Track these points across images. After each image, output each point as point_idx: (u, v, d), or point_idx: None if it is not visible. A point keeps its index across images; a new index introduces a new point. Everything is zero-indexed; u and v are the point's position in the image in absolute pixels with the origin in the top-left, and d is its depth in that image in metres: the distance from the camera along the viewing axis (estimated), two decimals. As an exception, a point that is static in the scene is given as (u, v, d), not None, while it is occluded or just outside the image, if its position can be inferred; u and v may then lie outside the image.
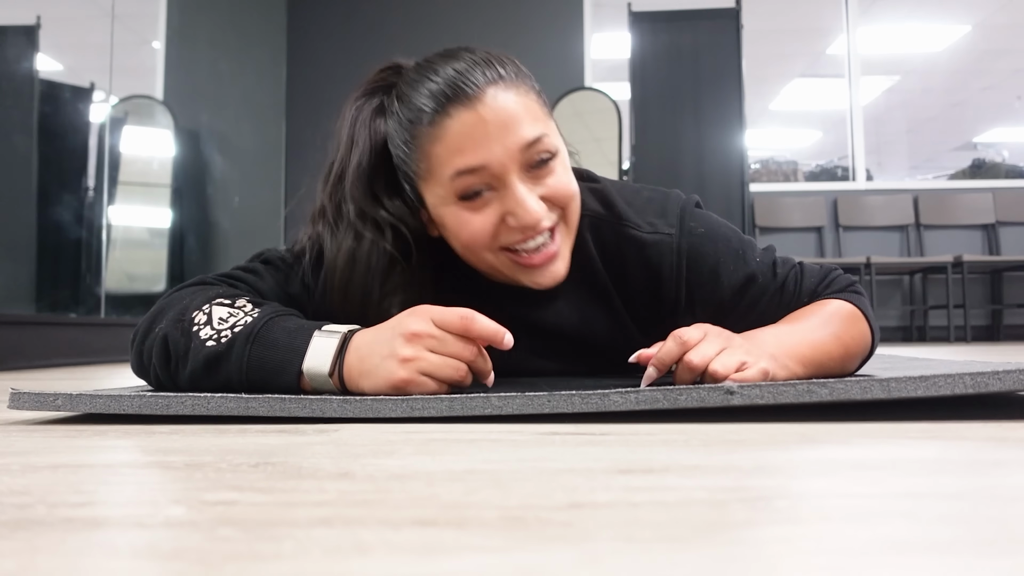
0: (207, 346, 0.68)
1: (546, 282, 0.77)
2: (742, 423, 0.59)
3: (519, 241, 0.74)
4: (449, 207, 0.75)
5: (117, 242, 3.37)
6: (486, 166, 0.71)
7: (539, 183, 0.74)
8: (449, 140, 0.72)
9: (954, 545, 0.27)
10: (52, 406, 0.65)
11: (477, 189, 0.73)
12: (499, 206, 0.73)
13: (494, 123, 0.71)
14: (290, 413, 0.63)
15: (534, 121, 0.74)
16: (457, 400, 0.61)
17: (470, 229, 0.74)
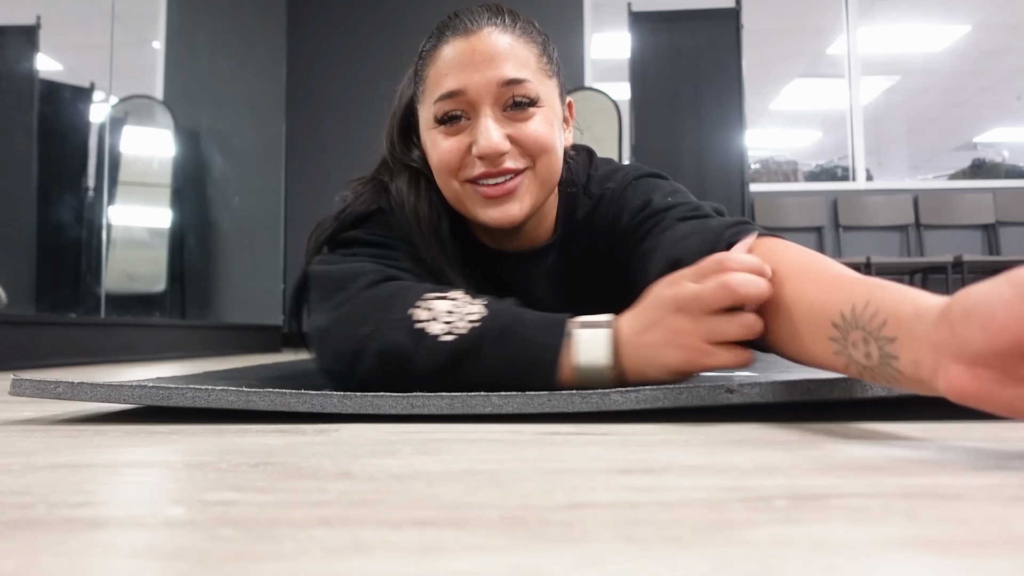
0: (443, 341, 0.65)
1: (500, 218, 0.79)
2: (742, 423, 0.59)
3: (482, 175, 0.78)
4: (430, 131, 0.80)
5: (117, 242, 3.37)
6: (464, 91, 0.77)
7: (511, 124, 0.78)
8: (440, 64, 0.78)
9: (954, 545, 0.27)
10: (53, 393, 0.65)
11: (455, 114, 0.78)
12: (469, 135, 0.78)
13: (481, 54, 0.77)
14: (290, 407, 0.62)
15: (521, 66, 0.78)
16: (458, 398, 0.61)
17: (439, 151, 0.79)
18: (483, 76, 0.76)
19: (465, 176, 0.79)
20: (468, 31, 0.78)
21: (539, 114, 0.78)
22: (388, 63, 1.05)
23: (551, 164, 0.80)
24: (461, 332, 0.65)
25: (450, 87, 0.77)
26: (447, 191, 0.82)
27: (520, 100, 0.77)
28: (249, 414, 0.66)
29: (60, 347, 2.10)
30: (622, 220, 0.83)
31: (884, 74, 6.31)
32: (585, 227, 0.88)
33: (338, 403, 0.62)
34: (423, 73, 0.81)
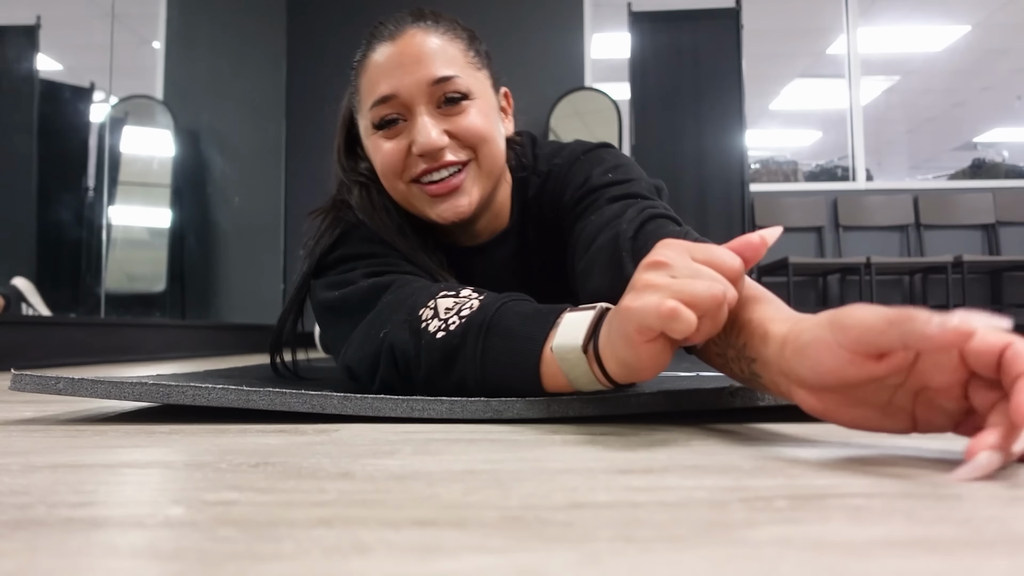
0: (438, 338, 0.64)
1: (448, 215, 0.80)
2: (742, 423, 0.59)
3: (424, 172, 0.79)
4: (370, 137, 0.82)
5: (117, 242, 3.37)
6: (397, 94, 0.78)
7: (447, 119, 0.79)
8: (371, 71, 0.80)
9: (954, 545, 0.27)
10: (53, 389, 0.65)
11: (391, 118, 0.79)
12: (407, 136, 0.79)
13: (409, 56, 0.78)
14: (289, 407, 0.62)
15: (449, 63, 0.80)
16: (457, 403, 0.61)
17: (381, 155, 0.80)
18: (413, 77, 0.78)
19: (409, 176, 0.80)
20: (394, 36, 0.80)
21: (473, 106, 0.80)
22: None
23: (493, 153, 0.82)
24: (451, 329, 0.64)
25: (383, 92, 0.79)
26: (395, 194, 0.83)
27: (452, 96, 0.79)
28: (249, 414, 0.66)
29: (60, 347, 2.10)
30: (565, 196, 0.85)
31: (884, 74, 6.31)
32: (536, 206, 0.90)
33: (338, 404, 0.62)
34: (357, 83, 0.83)
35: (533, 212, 0.90)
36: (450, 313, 0.65)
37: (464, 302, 0.66)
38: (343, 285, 0.76)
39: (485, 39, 0.91)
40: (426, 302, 0.67)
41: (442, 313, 0.65)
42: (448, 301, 0.66)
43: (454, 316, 0.64)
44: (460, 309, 0.65)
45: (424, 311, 0.67)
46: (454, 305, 0.66)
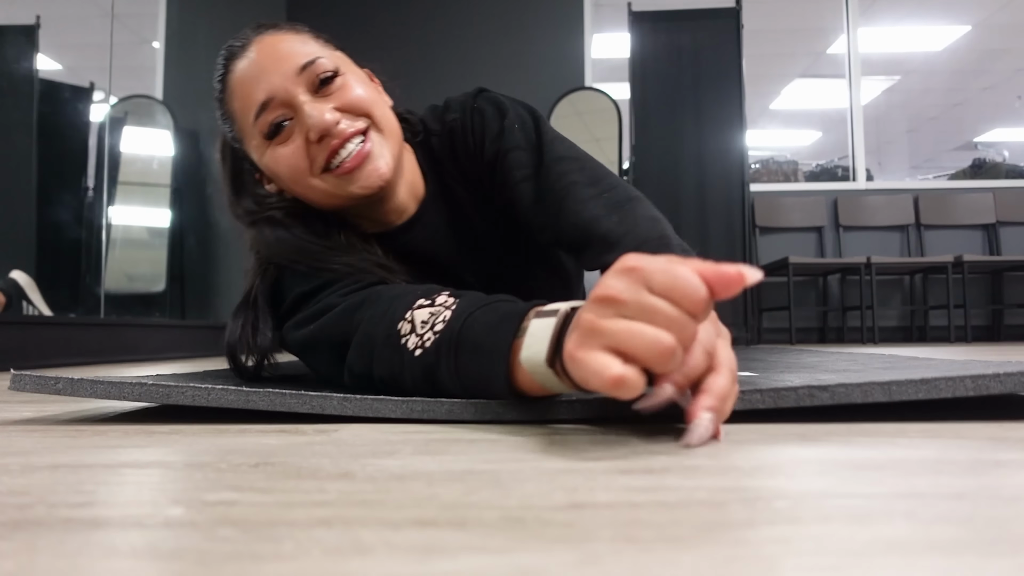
0: (416, 356, 0.62)
1: (372, 180, 0.79)
2: (742, 423, 0.59)
3: (331, 155, 0.78)
4: (266, 153, 0.80)
5: (117, 242, 3.37)
6: (273, 95, 0.78)
7: (329, 98, 0.79)
8: (239, 89, 0.79)
9: (954, 545, 0.27)
10: (53, 389, 0.65)
11: (278, 121, 0.78)
12: (300, 131, 0.78)
13: (267, 59, 0.79)
14: (289, 408, 0.62)
15: (307, 50, 0.80)
16: (458, 404, 0.61)
17: (285, 161, 0.79)
18: (280, 73, 0.78)
19: (319, 167, 0.79)
20: (247, 48, 0.80)
21: (347, 79, 0.81)
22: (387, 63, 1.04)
23: (386, 114, 0.82)
24: (426, 346, 0.61)
25: (260, 99, 0.78)
26: (313, 194, 0.80)
27: (324, 76, 0.79)
28: (249, 414, 0.66)
29: (60, 347, 2.10)
30: (486, 148, 0.86)
31: (884, 74, 6.32)
32: (451, 162, 0.90)
33: (338, 405, 0.62)
34: (229, 112, 0.82)
35: (449, 169, 0.90)
36: (426, 328, 0.63)
37: (438, 313, 0.63)
38: (313, 319, 0.74)
39: (485, 39, 0.91)
40: (403, 314, 0.65)
41: (419, 328, 0.63)
42: (424, 313, 0.64)
43: (429, 332, 0.62)
44: (434, 323, 0.62)
45: (402, 324, 0.65)
46: (429, 318, 0.63)
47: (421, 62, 4.34)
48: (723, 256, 3.83)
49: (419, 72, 4.31)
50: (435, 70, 4.31)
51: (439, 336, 0.61)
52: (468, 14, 4.43)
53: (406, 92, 0.94)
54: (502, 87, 0.94)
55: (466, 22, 4.42)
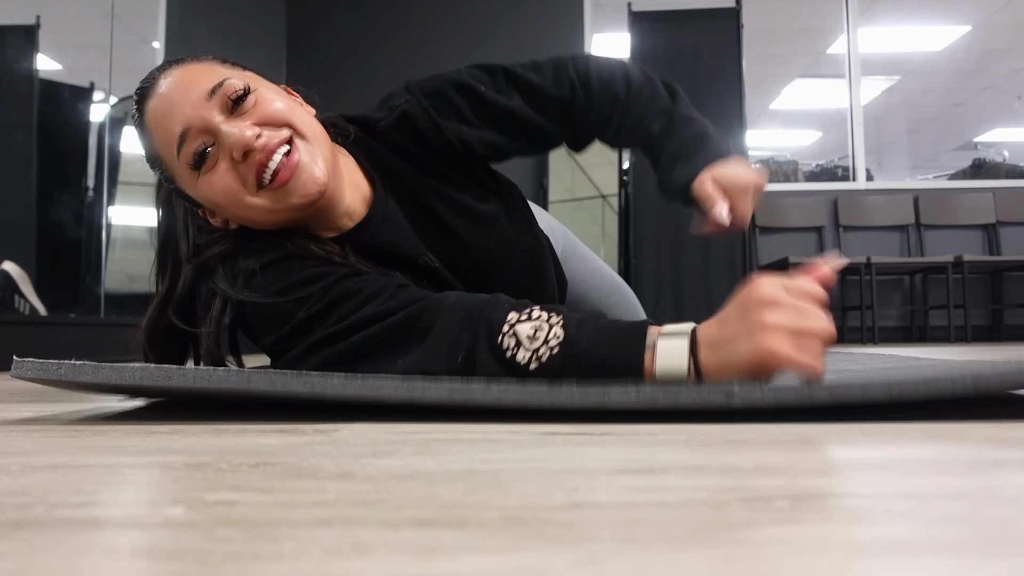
0: (532, 370, 0.65)
1: (310, 188, 0.78)
2: (742, 423, 0.59)
3: (260, 169, 0.77)
4: (196, 184, 0.79)
5: (117, 242, 3.37)
6: (189, 126, 0.77)
7: (245, 116, 0.78)
8: (156, 128, 0.79)
9: (954, 545, 0.27)
10: (55, 375, 0.65)
11: (200, 150, 0.77)
12: (224, 153, 0.77)
13: (175, 91, 0.78)
14: (289, 388, 0.61)
15: (213, 75, 0.79)
16: (457, 388, 0.61)
17: (217, 187, 0.78)
18: (191, 102, 0.77)
19: (252, 185, 0.77)
20: (152, 88, 0.79)
21: (260, 94, 0.80)
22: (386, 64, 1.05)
23: (307, 122, 0.82)
24: (544, 362, 0.64)
25: (178, 131, 0.77)
26: (255, 214, 0.79)
27: (236, 96, 0.78)
28: (249, 414, 0.66)
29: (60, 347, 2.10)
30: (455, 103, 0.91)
31: (884, 74, 6.31)
32: (410, 146, 0.90)
33: (339, 385, 0.61)
34: (154, 151, 0.81)
35: (406, 157, 0.90)
36: (537, 343, 0.65)
37: (543, 328, 0.66)
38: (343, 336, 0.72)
39: (485, 39, 0.92)
40: (500, 327, 0.66)
41: (526, 342, 0.65)
42: (527, 327, 0.66)
43: (543, 347, 0.65)
44: (546, 338, 0.65)
45: (503, 339, 0.66)
46: (534, 331, 0.65)
47: (421, 62, 4.33)
48: (723, 256, 3.83)
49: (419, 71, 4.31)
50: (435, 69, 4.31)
51: (559, 353, 0.64)
52: (468, 14, 4.43)
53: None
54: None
55: (466, 22, 4.42)
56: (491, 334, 0.66)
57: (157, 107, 0.79)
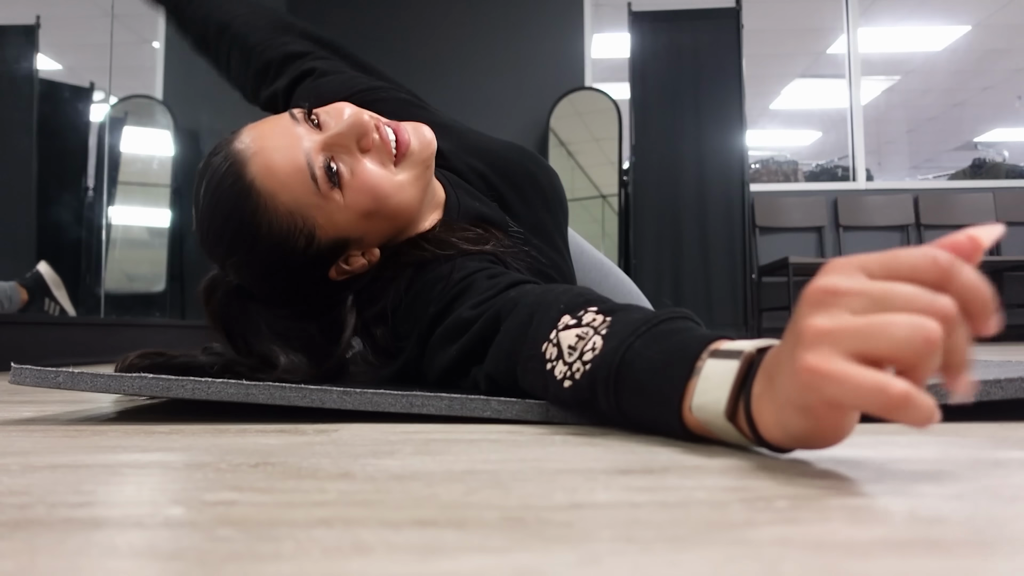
0: (565, 388, 0.55)
1: (429, 138, 0.78)
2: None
3: (388, 145, 0.75)
4: (344, 202, 0.74)
5: (117, 242, 3.37)
6: (306, 153, 0.72)
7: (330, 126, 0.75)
8: (276, 182, 0.71)
9: (954, 545, 0.27)
10: (52, 382, 0.65)
11: (327, 164, 0.72)
12: (349, 153, 0.74)
13: (268, 140, 0.73)
14: (289, 401, 0.62)
15: (274, 117, 0.77)
16: (456, 400, 0.61)
17: (369, 181, 0.74)
18: (288, 136, 0.74)
19: (390, 164, 0.76)
20: (246, 150, 0.73)
21: (322, 110, 0.78)
22: (386, 64, 1.04)
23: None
24: (576, 378, 0.54)
25: (303, 161, 0.72)
26: (406, 192, 0.76)
27: (309, 113, 0.76)
28: (249, 414, 0.66)
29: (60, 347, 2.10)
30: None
31: (884, 74, 6.31)
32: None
33: (337, 399, 0.62)
34: (286, 211, 0.73)
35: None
36: (574, 356, 0.55)
37: (587, 336, 0.55)
38: (453, 339, 0.69)
39: (485, 39, 0.91)
40: (548, 334, 0.58)
41: (566, 354, 0.55)
42: (570, 336, 0.56)
43: (578, 362, 0.54)
44: (583, 350, 0.54)
45: (547, 347, 0.57)
46: (577, 343, 0.55)
47: (421, 62, 4.33)
48: (723, 256, 3.83)
49: (419, 72, 4.31)
50: (435, 70, 4.31)
51: (591, 369, 0.52)
52: (468, 14, 4.43)
53: (406, 91, 0.95)
54: (502, 87, 0.95)
55: (466, 22, 4.42)
56: (536, 341, 0.58)
57: (265, 163, 0.72)
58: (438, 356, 0.70)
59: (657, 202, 3.85)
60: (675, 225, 3.83)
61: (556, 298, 0.60)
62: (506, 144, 0.98)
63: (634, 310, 0.55)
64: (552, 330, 0.57)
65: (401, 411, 0.61)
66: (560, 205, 0.97)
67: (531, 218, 0.92)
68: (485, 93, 4.27)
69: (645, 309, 0.56)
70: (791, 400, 0.37)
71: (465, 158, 0.94)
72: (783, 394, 0.38)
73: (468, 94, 4.26)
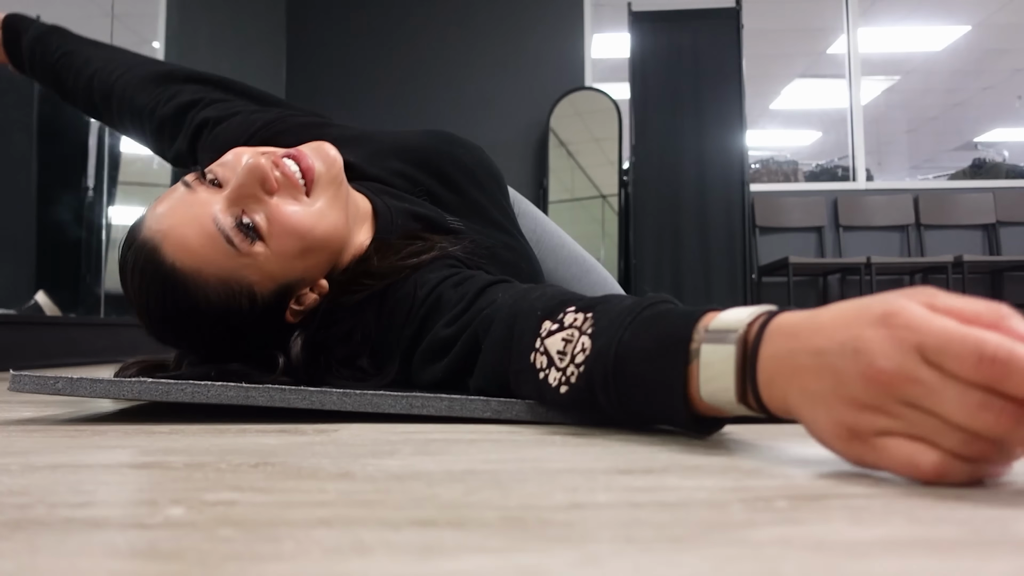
0: (562, 393, 0.54)
1: (334, 157, 0.75)
2: (742, 423, 0.59)
3: (294, 178, 0.72)
4: (269, 252, 0.71)
5: (117, 242, 3.37)
6: (214, 218, 0.70)
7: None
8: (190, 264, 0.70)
9: (954, 546, 0.27)
10: (52, 389, 0.65)
11: (241, 223, 0.70)
12: (260, 202, 0.71)
13: (172, 218, 0.71)
14: (289, 404, 0.62)
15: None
16: (457, 401, 0.61)
17: (287, 224, 0.72)
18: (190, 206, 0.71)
19: (303, 196, 0.73)
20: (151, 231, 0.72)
21: (215, 170, 0.76)
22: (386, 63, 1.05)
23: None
24: (572, 382, 0.53)
25: (213, 229, 0.70)
26: (328, 220, 0.74)
27: (208, 176, 0.74)
28: (249, 414, 0.66)
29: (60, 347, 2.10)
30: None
31: (884, 74, 6.31)
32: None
33: (337, 400, 0.62)
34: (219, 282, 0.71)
35: None
36: (564, 360, 0.54)
37: (573, 339, 0.54)
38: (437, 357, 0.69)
39: (485, 39, 0.90)
40: (533, 343, 0.57)
41: (557, 360, 0.55)
42: (557, 341, 0.55)
43: (571, 365, 0.53)
44: (573, 353, 0.53)
45: (536, 357, 0.56)
46: (565, 347, 0.54)
47: (421, 62, 4.33)
48: (723, 256, 3.83)
49: (419, 71, 4.31)
50: (435, 69, 4.31)
51: (586, 371, 0.52)
52: (468, 14, 4.43)
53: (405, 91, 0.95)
54: (502, 87, 0.94)
55: (466, 22, 4.42)
56: (523, 354, 0.58)
57: (178, 242, 0.69)
58: (425, 373, 0.71)
59: (657, 202, 3.85)
60: (675, 225, 3.83)
61: (531, 305, 0.60)
62: (421, 133, 0.96)
63: (612, 301, 0.55)
64: (536, 339, 0.57)
65: (401, 412, 0.61)
66: (491, 178, 0.94)
67: (465, 202, 0.90)
68: (485, 93, 4.27)
69: (621, 296, 0.56)
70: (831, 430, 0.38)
71: (381, 163, 0.91)
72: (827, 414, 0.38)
73: (468, 94, 4.26)
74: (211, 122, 0.96)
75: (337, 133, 0.91)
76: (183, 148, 0.99)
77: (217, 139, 0.93)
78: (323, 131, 0.91)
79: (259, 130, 0.93)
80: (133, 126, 1.07)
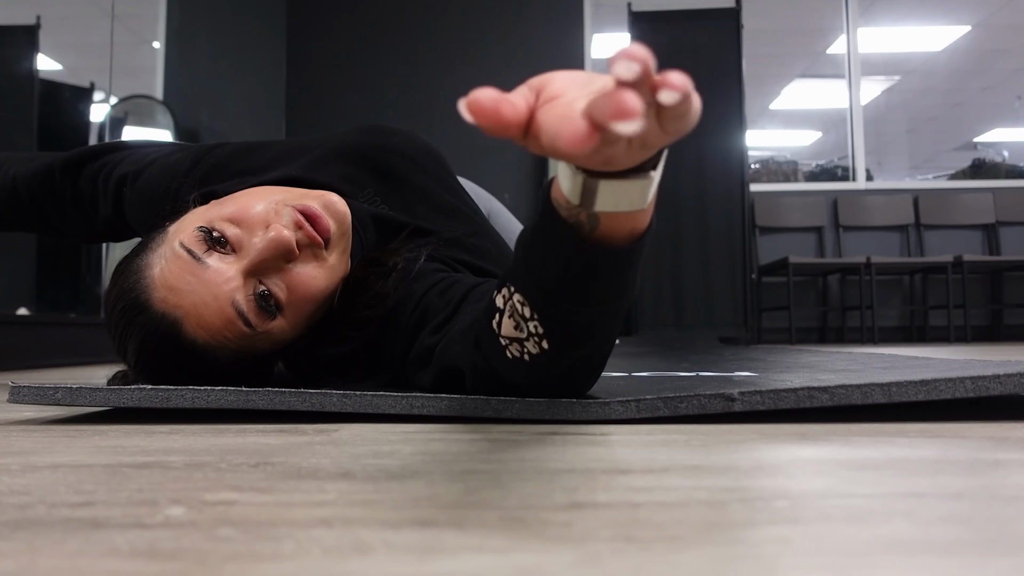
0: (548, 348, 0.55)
1: (343, 210, 0.75)
2: (741, 423, 0.59)
3: (315, 239, 0.72)
4: (284, 327, 0.72)
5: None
6: (230, 294, 0.70)
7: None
8: (211, 342, 0.70)
9: (954, 545, 0.27)
10: (52, 400, 0.65)
11: (261, 293, 0.70)
12: (275, 270, 0.71)
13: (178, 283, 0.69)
14: (289, 406, 0.62)
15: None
16: (456, 400, 0.61)
17: (312, 288, 0.72)
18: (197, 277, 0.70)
19: (323, 255, 0.73)
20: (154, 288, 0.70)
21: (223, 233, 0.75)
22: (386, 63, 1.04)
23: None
24: (542, 331, 0.54)
25: (230, 310, 0.69)
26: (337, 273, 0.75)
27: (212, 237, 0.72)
28: (249, 414, 0.66)
29: (60, 347, 2.10)
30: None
31: (884, 74, 6.31)
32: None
33: (337, 402, 0.62)
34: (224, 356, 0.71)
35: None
36: (523, 332, 0.55)
37: (517, 308, 0.55)
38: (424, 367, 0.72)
39: (485, 39, 0.90)
40: (500, 343, 0.57)
41: (523, 336, 0.55)
42: (508, 325, 0.56)
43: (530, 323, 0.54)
44: (523, 317, 0.54)
45: (510, 348, 0.57)
46: (515, 324, 0.55)
47: (421, 62, 4.33)
48: (723, 256, 3.83)
49: (419, 71, 4.31)
50: (435, 69, 4.31)
51: (539, 316, 0.53)
52: (468, 14, 4.43)
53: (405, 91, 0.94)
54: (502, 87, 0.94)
55: (466, 22, 4.42)
56: (497, 351, 0.58)
57: (198, 323, 0.68)
58: (418, 378, 0.73)
59: (657, 202, 3.84)
60: (675, 225, 3.83)
61: (475, 311, 0.62)
62: (356, 131, 0.93)
63: (507, 251, 0.59)
64: (497, 338, 0.57)
65: (401, 412, 0.62)
66: (432, 159, 0.93)
67: (414, 192, 0.88)
68: (485, 93, 4.26)
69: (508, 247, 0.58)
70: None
71: (325, 169, 0.88)
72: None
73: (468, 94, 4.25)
74: (129, 177, 0.91)
75: (273, 152, 0.90)
76: (108, 213, 0.94)
77: (144, 192, 0.89)
78: (255, 156, 0.90)
79: (189, 170, 0.88)
80: (55, 216, 0.99)
